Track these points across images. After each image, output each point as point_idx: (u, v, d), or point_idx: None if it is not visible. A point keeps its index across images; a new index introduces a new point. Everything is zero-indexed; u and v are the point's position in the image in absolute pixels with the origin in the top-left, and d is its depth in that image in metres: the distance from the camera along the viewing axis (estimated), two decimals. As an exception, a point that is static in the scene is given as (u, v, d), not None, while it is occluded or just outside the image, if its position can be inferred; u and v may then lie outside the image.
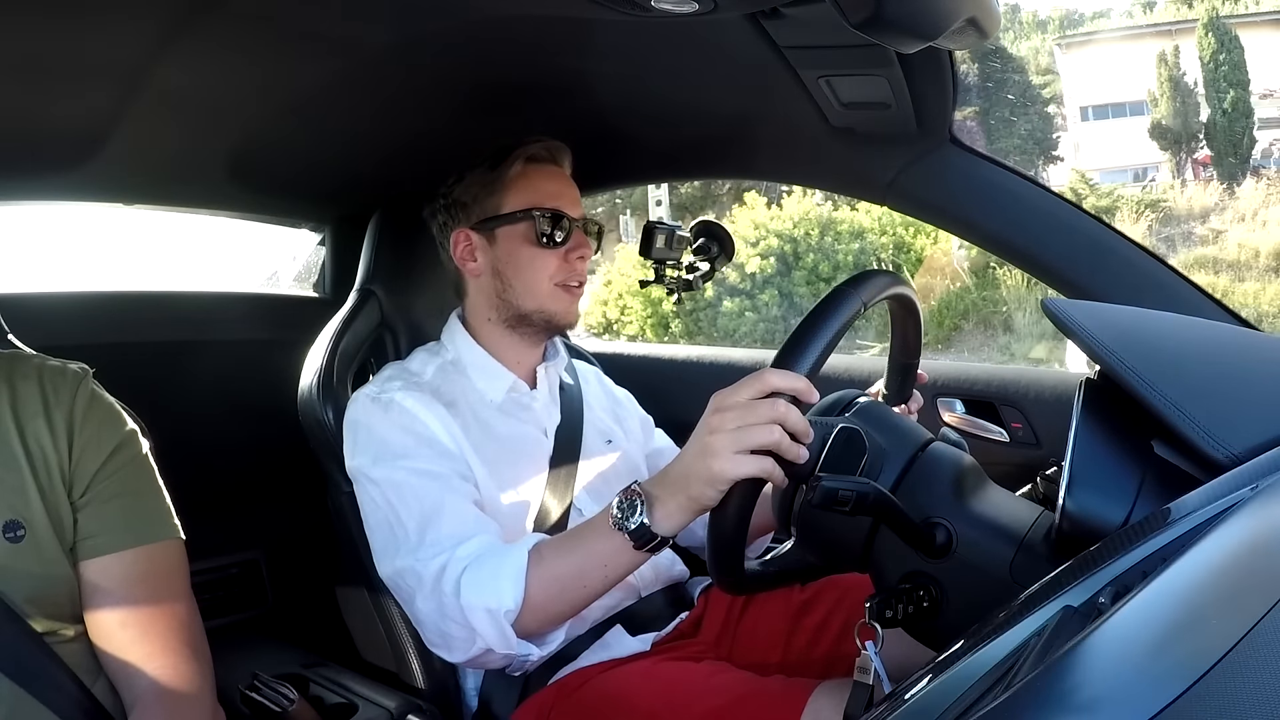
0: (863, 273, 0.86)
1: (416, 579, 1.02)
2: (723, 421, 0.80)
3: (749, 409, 0.80)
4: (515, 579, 0.96)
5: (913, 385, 1.08)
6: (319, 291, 1.86)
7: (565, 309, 1.21)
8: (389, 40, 1.05)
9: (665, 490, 0.87)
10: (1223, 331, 0.88)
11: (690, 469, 0.84)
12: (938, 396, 1.46)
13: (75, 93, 1.08)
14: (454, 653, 1.03)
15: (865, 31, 0.69)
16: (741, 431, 0.79)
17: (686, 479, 0.84)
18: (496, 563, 0.98)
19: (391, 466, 1.08)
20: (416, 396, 1.13)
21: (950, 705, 0.43)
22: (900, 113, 1.11)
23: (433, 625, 1.02)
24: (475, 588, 0.97)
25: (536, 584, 0.96)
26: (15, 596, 0.81)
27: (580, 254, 1.21)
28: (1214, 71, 15.25)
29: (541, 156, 1.23)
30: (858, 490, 0.73)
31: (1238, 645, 0.34)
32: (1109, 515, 0.67)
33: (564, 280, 1.20)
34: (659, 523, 0.87)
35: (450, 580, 0.98)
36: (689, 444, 0.85)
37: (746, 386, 0.81)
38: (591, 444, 1.27)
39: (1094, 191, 12.99)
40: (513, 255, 1.20)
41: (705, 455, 0.81)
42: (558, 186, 1.22)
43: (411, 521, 1.04)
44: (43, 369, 0.88)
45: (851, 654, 0.81)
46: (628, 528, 0.88)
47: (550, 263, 1.19)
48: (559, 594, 0.96)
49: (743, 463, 0.79)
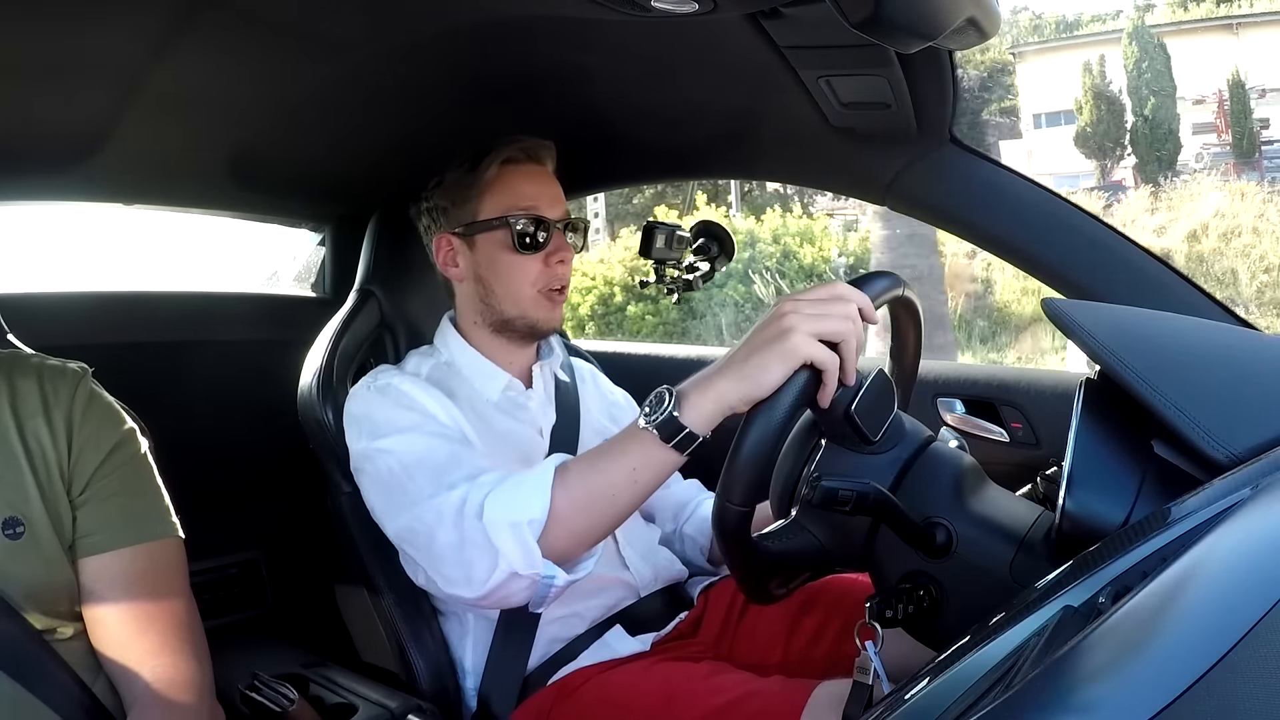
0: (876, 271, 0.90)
1: (436, 515, 0.97)
2: (799, 306, 0.80)
3: (826, 304, 0.80)
4: (540, 491, 0.91)
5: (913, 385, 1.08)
6: (318, 291, 1.86)
7: (548, 315, 1.20)
8: (389, 40, 1.04)
9: (702, 383, 0.84)
10: (1223, 331, 0.88)
11: (754, 350, 0.80)
12: (938, 396, 1.46)
13: (75, 92, 1.08)
14: (474, 582, 0.95)
15: (865, 31, 0.69)
16: (818, 317, 0.79)
17: (746, 360, 0.80)
18: (519, 479, 0.95)
19: (399, 435, 1.06)
20: (414, 381, 1.13)
21: (950, 705, 0.43)
22: (900, 113, 1.11)
23: (453, 558, 0.96)
24: (498, 505, 0.93)
25: (563, 495, 0.91)
26: (14, 594, 0.81)
27: (561, 257, 1.19)
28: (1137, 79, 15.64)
29: (517, 158, 1.20)
30: (858, 490, 0.73)
31: (1238, 645, 0.34)
32: (1109, 515, 0.67)
33: (546, 285, 1.19)
34: (688, 413, 0.83)
35: (474, 505, 0.94)
36: (747, 338, 0.82)
37: (822, 289, 0.81)
38: (587, 444, 1.26)
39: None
40: (493, 262, 1.19)
41: (780, 334, 0.78)
42: (535, 187, 1.20)
43: (424, 474, 1.01)
44: (42, 368, 0.88)
45: (851, 654, 0.80)
46: (655, 421, 0.84)
47: (531, 268, 1.18)
48: (586, 505, 0.91)
49: (816, 346, 0.77)
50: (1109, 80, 16.15)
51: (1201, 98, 15.65)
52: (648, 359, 1.89)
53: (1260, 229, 10.43)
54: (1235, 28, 16.04)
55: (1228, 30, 16.13)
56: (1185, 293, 1.14)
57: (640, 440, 0.87)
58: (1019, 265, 1.22)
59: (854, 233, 12.58)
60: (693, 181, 10.65)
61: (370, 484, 1.08)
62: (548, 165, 1.24)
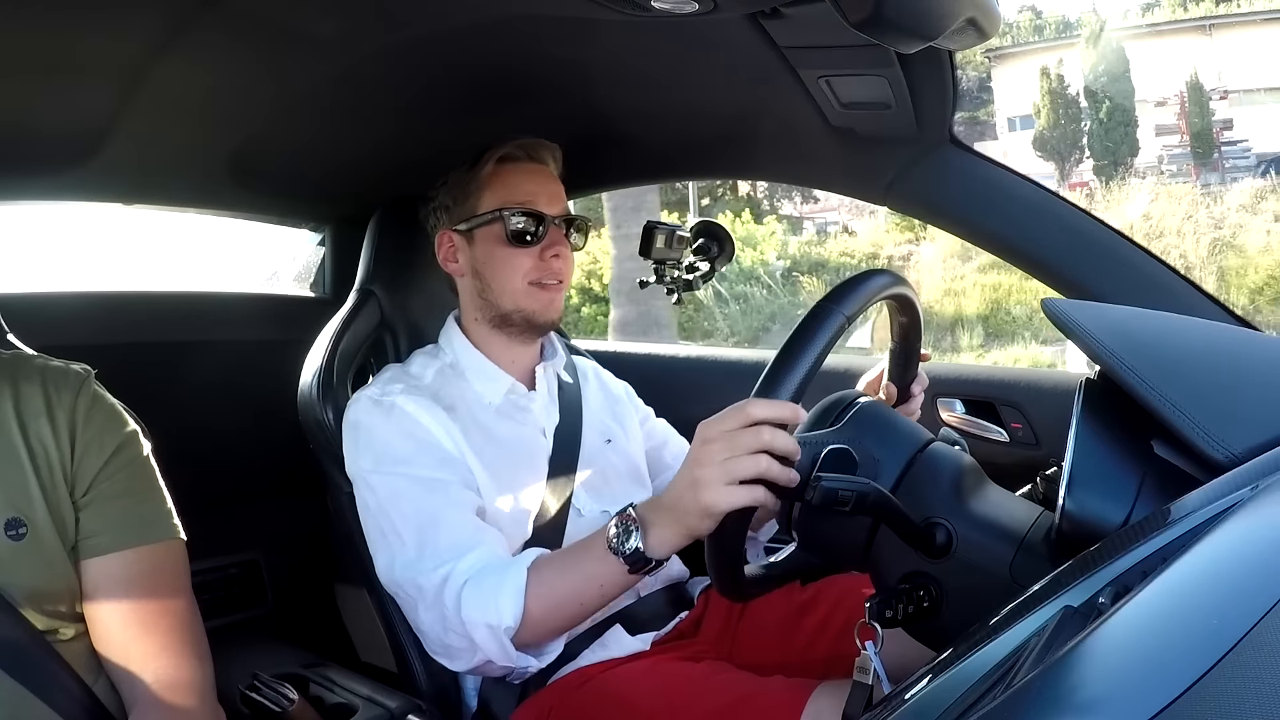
0: (842, 284, 0.85)
1: (418, 590, 1.04)
2: (710, 454, 0.81)
3: (734, 440, 0.79)
4: (515, 597, 0.98)
5: (915, 371, 1.08)
6: (317, 291, 1.86)
7: (543, 307, 1.21)
8: (389, 40, 1.05)
9: (660, 516, 0.90)
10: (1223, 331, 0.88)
11: (682, 501, 0.85)
12: (938, 396, 1.46)
13: (75, 92, 1.08)
14: (455, 663, 1.06)
15: (865, 31, 0.69)
16: (729, 463, 0.79)
17: (680, 509, 0.86)
18: (497, 579, 0.99)
19: (391, 473, 1.09)
20: (418, 400, 1.13)
21: (950, 705, 0.43)
22: (900, 113, 1.11)
23: (435, 636, 1.05)
24: (476, 604, 0.99)
25: (535, 601, 0.98)
26: (16, 594, 0.81)
27: (555, 252, 1.20)
28: (1094, 82, 15.83)
29: (516, 155, 1.22)
30: (858, 490, 0.73)
31: (1238, 645, 0.34)
32: (1109, 515, 0.67)
33: (539, 278, 1.20)
34: (654, 548, 0.90)
35: (451, 594, 1.00)
36: (679, 474, 0.86)
37: (730, 417, 0.81)
38: (590, 443, 1.27)
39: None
40: (488, 255, 1.20)
41: (695, 488, 0.82)
42: (533, 184, 1.21)
43: (408, 532, 1.06)
44: (45, 370, 0.89)
45: (851, 654, 0.81)
46: (623, 552, 0.91)
47: (524, 262, 1.19)
48: (557, 610, 0.99)
49: (733, 494, 0.79)
50: (1067, 84, 16.42)
51: (1164, 100, 15.77)
52: (648, 359, 1.89)
53: (1184, 230, 10.61)
54: (1209, 29, 16.08)
55: (1202, 31, 16.18)
56: (1185, 293, 1.14)
57: (608, 563, 0.93)
58: (1019, 265, 1.22)
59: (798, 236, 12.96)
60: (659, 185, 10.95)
61: (361, 508, 1.13)
62: (548, 164, 1.25)
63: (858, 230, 14.51)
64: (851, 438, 0.82)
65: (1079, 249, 1.16)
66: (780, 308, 11.21)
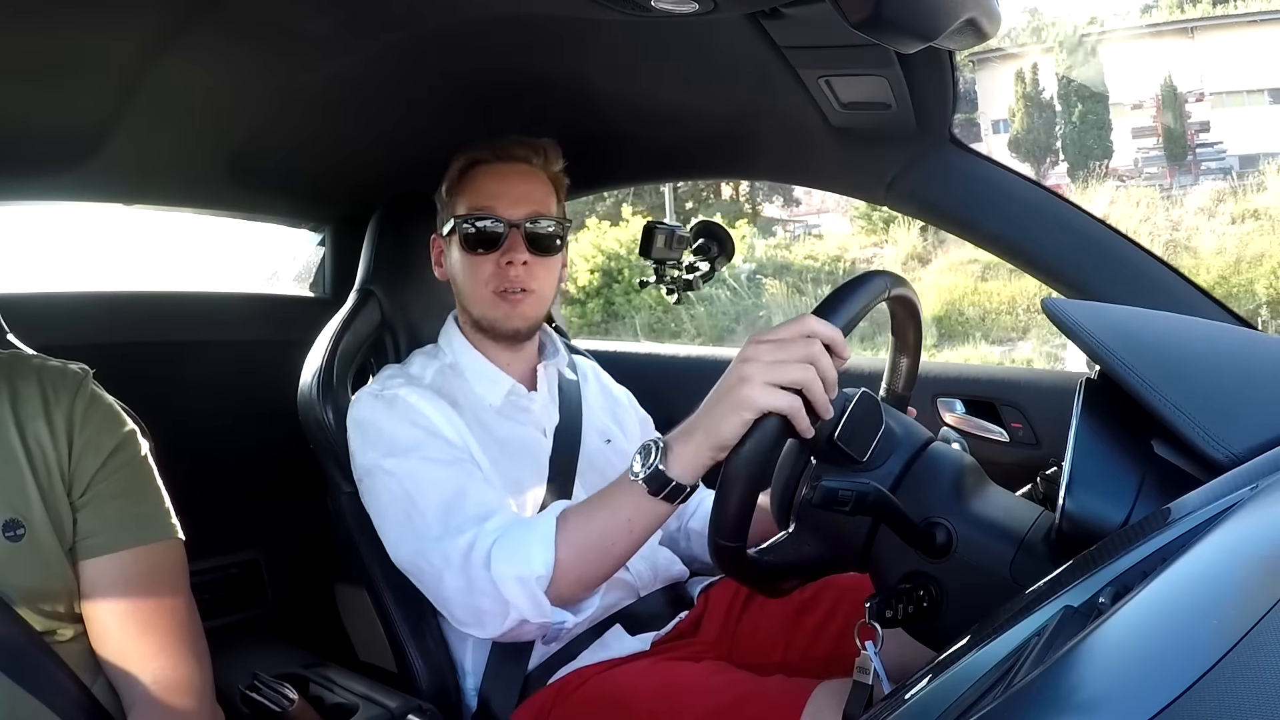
0: (870, 272, 0.88)
1: (443, 558, 1.01)
2: (758, 352, 0.80)
3: (787, 345, 0.79)
4: (544, 545, 0.95)
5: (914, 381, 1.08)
6: (316, 291, 1.86)
7: (503, 315, 1.18)
8: (389, 40, 1.05)
9: (684, 434, 0.86)
10: (1223, 331, 0.88)
11: (717, 400, 0.82)
12: (938, 396, 1.46)
13: (75, 92, 1.08)
14: (487, 628, 1.01)
15: (865, 31, 0.69)
16: (777, 364, 0.78)
17: (711, 412, 0.82)
18: (524, 532, 0.97)
19: (405, 458, 1.08)
20: (420, 392, 1.13)
21: (950, 705, 0.43)
22: (900, 113, 1.11)
23: (463, 603, 1.01)
24: (505, 558, 0.96)
25: (566, 547, 0.95)
26: (14, 595, 0.81)
27: (510, 259, 1.15)
28: (1066, 86, 15.96)
29: (484, 158, 1.20)
30: (858, 490, 0.73)
31: (1238, 645, 0.34)
32: (1109, 515, 0.67)
33: (498, 287, 1.17)
34: (673, 465, 0.86)
35: (480, 554, 0.98)
36: (720, 381, 0.83)
37: (786, 326, 0.81)
38: (590, 443, 1.27)
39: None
40: (455, 262, 1.20)
41: (736, 384, 0.79)
42: (498, 186, 1.18)
43: (431, 510, 1.04)
44: (43, 369, 0.88)
45: (851, 654, 0.81)
46: (643, 474, 0.87)
47: (485, 268, 1.17)
48: (588, 555, 0.95)
49: (774, 394, 0.77)
50: (1041, 88, 16.56)
51: (1140, 102, 15.84)
52: (648, 359, 1.89)
53: (1140, 232, 10.80)
54: (1191, 31, 16.09)
55: (1184, 34, 16.20)
56: (1185, 293, 1.14)
57: (632, 493, 0.89)
58: (1019, 265, 1.22)
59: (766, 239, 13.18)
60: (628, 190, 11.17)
61: (374, 504, 1.11)
62: (527, 162, 1.21)
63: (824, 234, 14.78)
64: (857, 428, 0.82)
65: (1079, 249, 1.16)
66: (744, 309, 11.49)
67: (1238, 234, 10.89)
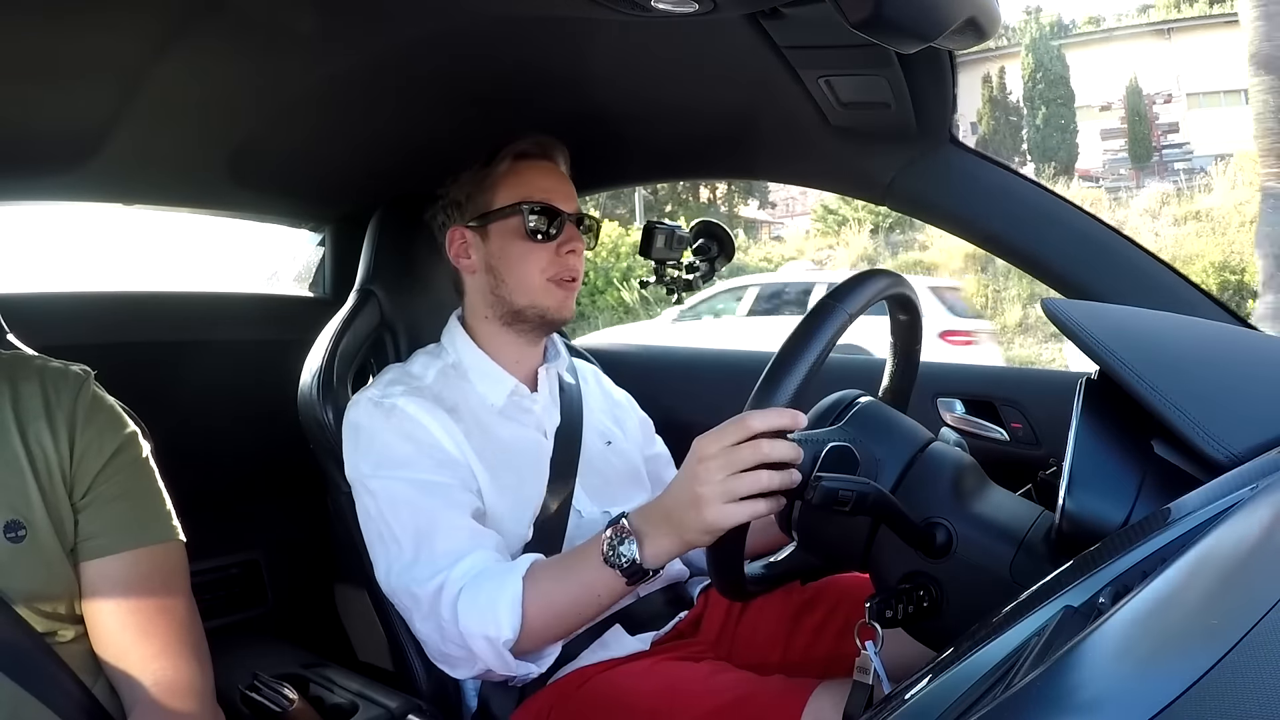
0: (850, 279, 0.84)
1: (413, 600, 1.04)
2: (709, 472, 0.81)
3: (733, 456, 0.79)
4: (512, 608, 0.97)
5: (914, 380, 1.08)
6: (316, 291, 1.86)
7: (559, 304, 1.21)
8: (389, 40, 1.05)
9: (656, 527, 0.89)
10: (1223, 331, 0.88)
11: (681, 516, 0.85)
12: (938, 396, 1.46)
13: (75, 92, 1.08)
14: (456, 670, 1.06)
15: (865, 31, 0.69)
16: (729, 481, 0.79)
17: (679, 524, 0.86)
18: (493, 589, 0.99)
19: (390, 477, 1.08)
20: (419, 402, 1.13)
21: (950, 705, 0.43)
22: (900, 113, 1.11)
23: (434, 645, 1.06)
24: (473, 615, 0.98)
25: (533, 612, 0.97)
26: (15, 597, 0.80)
27: (571, 248, 1.20)
28: (1031, 89, 16.19)
29: (532, 152, 1.22)
30: (858, 490, 0.73)
31: (1238, 645, 0.34)
32: (1109, 515, 0.67)
33: (556, 275, 1.20)
34: (649, 559, 0.90)
35: (448, 604, 1.00)
36: (677, 486, 0.86)
37: (729, 432, 0.80)
38: (591, 445, 1.27)
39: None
40: (505, 250, 1.20)
41: (696, 506, 0.82)
42: (549, 181, 1.22)
43: (406, 538, 1.06)
44: (44, 370, 0.88)
45: (851, 654, 0.81)
46: (620, 565, 0.91)
47: (542, 257, 1.19)
48: (555, 621, 0.99)
49: (733, 511, 0.80)
50: (1009, 91, 16.74)
51: (1108, 104, 15.87)
52: (648, 359, 1.89)
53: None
54: (1168, 33, 16.12)
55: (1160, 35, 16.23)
56: (1185, 293, 1.14)
57: (604, 574, 0.93)
58: (1019, 265, 1.22)
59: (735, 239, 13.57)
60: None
61: (361, 513, 1.13)
62: (559, 163, 1.26)
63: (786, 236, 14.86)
64: (852, 437, 0.82)
65: (1079, 249, 1.16)
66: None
67: (1176, 235, 11.08)
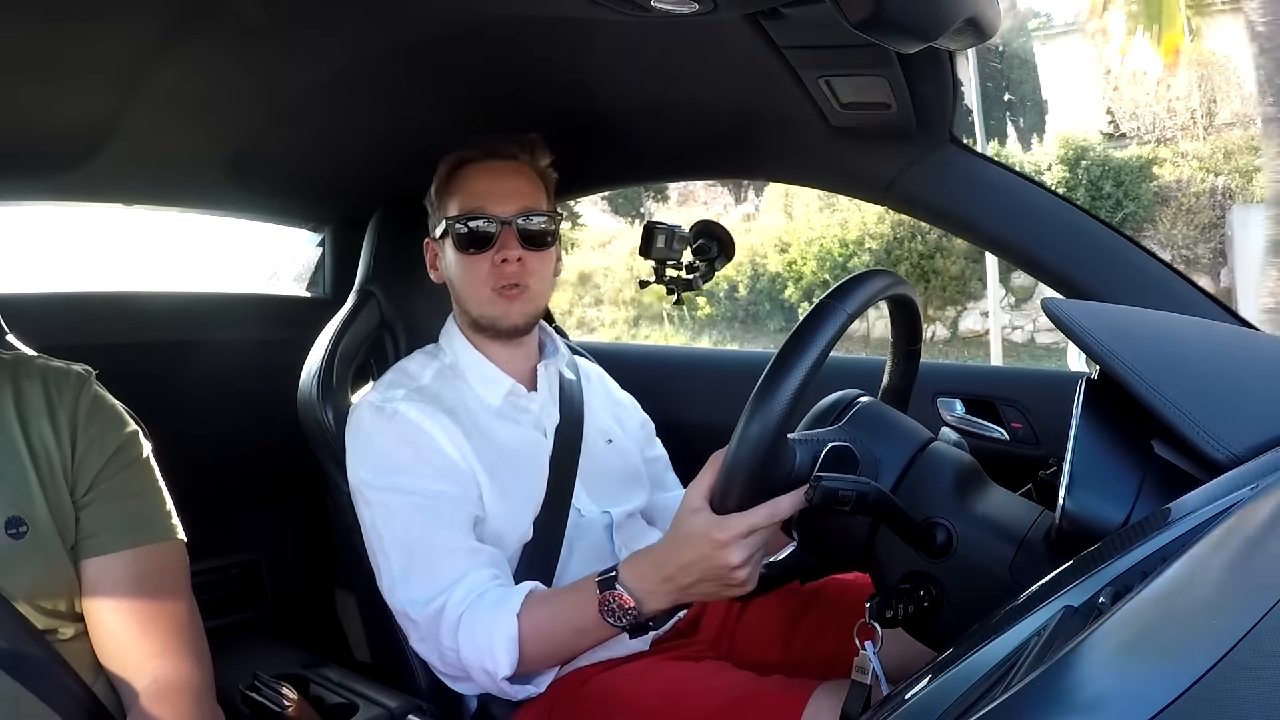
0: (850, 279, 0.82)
1: (412, 624, 1.06)
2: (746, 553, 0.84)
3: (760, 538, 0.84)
4: (509, 647, 0.99)
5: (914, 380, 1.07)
6: (315, 291, 1.86)
7: (502, 313, 1.18)
8: (389, 41, 1.05)
9: (660, 589, 0.91)
10: (1223, 331, 0.88)
11: (701, 588, 0.89)
12: (938, 396, 1.46)
13: (75, 93, 1.08)
14: (457, 687, 1.10)
15: (865, 31, 0.69)
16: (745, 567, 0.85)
17: (691, 591, 0.90)
18: (489, 625, 1.00)
19: (387, 488, 1.09)
20: (420, 406, 1.13)
21: (950, 705, 0.43)
22: (900, 113, 1.11)
23: (432, 663, 1.09)
24: (471, 647, 1.00)
25: (530, 648, 0.99)
26: (16, 594, 0.81)
27: (505, 256, 1.15)
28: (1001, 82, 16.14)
29: (473, 156, 1.19)
30: (858, 490, 0.73)
31: (1238, 645, 0.34)
32: (1109, 515, 0.67)
33: (495, 284, 1.17)
34: (653, 611, 0.93)
35: (447, 633, 1.02)
36: (692, 558, 0.87)
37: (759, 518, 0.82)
38: (592, 443, 1.27)
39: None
40: (451, 263, 1.20)
41: (726, 584, 0.86)
42: (487, 184, 1.17)
43: (395, 554, 1.07)
44: (46, 370, 0.89)
45: (851, 654, 0.80)
46: (621, 625, 0.94)
47: (480, 267, 1.17)
48: (551, 655, 1.02)
49: (753, 579, 0.87)
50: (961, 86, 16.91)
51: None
52: (648, 359, 1.89)
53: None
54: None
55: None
56: (1185, 293, 1.14)
57: (603, 626, 0.95)
58: (1019, 265, 1.22)
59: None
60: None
61: (362, 518, 1.13)
62: (513, 159, 1.20)
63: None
64: (852, 437, 0.82)
65: (1079, 249, 1.16)
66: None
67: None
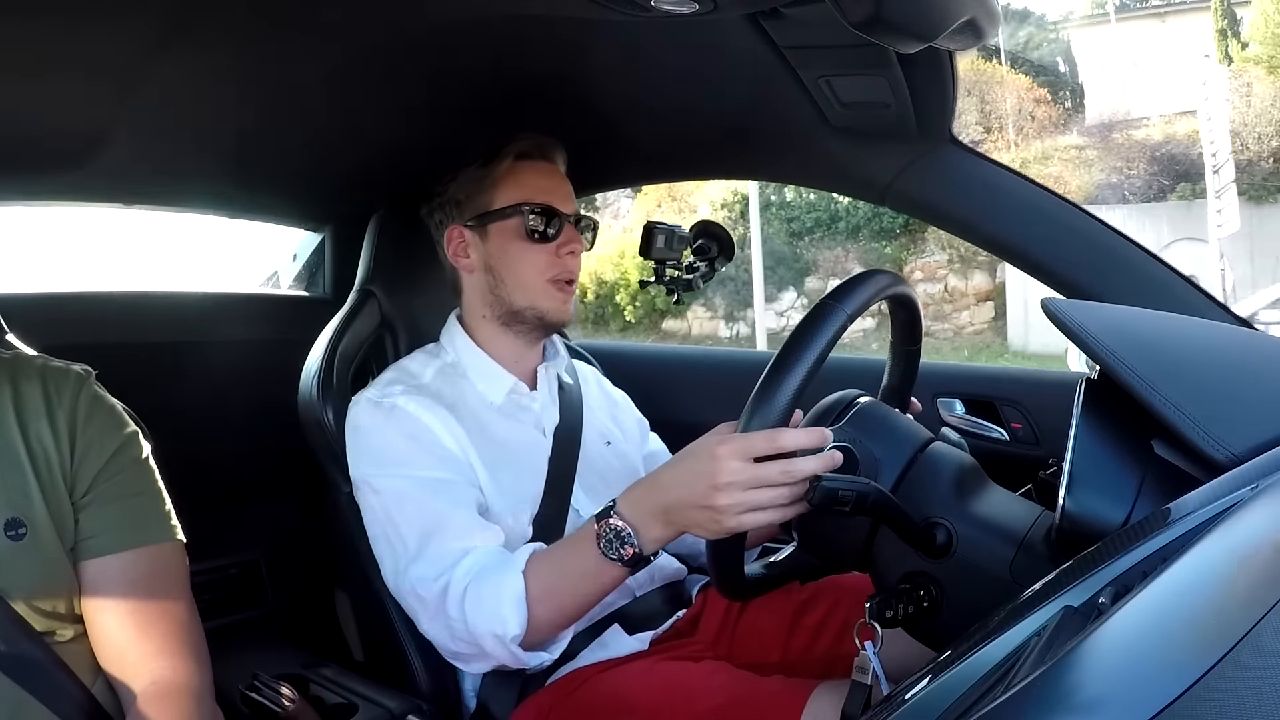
0: (850, 279, 0.83)
1: (420, 602, 1.05)
2: (731, 478, 0.80)
3: (760, 471, 0.80)
4: (516, 606, 0.98)
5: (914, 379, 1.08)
6: (313, 292, 1.86)
7: (557, 306, 1.21)
8: (388, 40, 1.05)
9: (652, 518, 0.90)
10: (1223, 331, 0.88)
11: (689, 514, 0.85)
12: (938, 396, 1.46)
13: (75, 93, 1.08)
14: (470, 666, 1.08)
15: (865, 31, 0.69)
16: (751, 493, 0.80)
17: (681, 518, 0.87)
18: (495, 586, 0.99)
19: (394, 475, 1.09)
20: (419, 400, 1.13)
21: (950, 705, 0.43)
22: (900, 113, 1.11)
23: (444, 644, 1.06)
24: (479, 614, 0.99)
25: (539, 605, 0.98)
26: (16, 595, 0.80)
27: (571, 249, 1.21)
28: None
29: (531, 153, 1.22)
30: (858, 490, 0.73)
31: (1238, 645, 0.34)
32: (1109, 515, 0.67)
33: (555, 276, 1.20)
34: (649, 545, 0.91)
35: (454, 604, 1.01)
36: (684, 480, 0.85)
37: (756, 443, 0.80)
38: (590, 444, 1.27)
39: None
40: (504, 251, 1.20)
41: (712, 510, 0.82)
42: (549, 182, 1.22)
43: (411, 535, 1.06)
44: (46, 370, 0.88)
45: (851, 654, 0.81)
46: (620, 559, 0.92)
47: (541, 258, 1.19)
48: (560, 611, 1.00)
49: (748, 520, 0.81)
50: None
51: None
52: (648, 359, 1.89)
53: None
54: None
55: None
56: (1185, 293, 1.14)
57: (604, 565, 0.94)
58: (1019, 265, 1.22)
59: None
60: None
61: (366, 513, 1.13)
62: (558, 164, 1.26)
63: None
64: (852, 437, 0.82)
65: (1079, 249, 1.16)
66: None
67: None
